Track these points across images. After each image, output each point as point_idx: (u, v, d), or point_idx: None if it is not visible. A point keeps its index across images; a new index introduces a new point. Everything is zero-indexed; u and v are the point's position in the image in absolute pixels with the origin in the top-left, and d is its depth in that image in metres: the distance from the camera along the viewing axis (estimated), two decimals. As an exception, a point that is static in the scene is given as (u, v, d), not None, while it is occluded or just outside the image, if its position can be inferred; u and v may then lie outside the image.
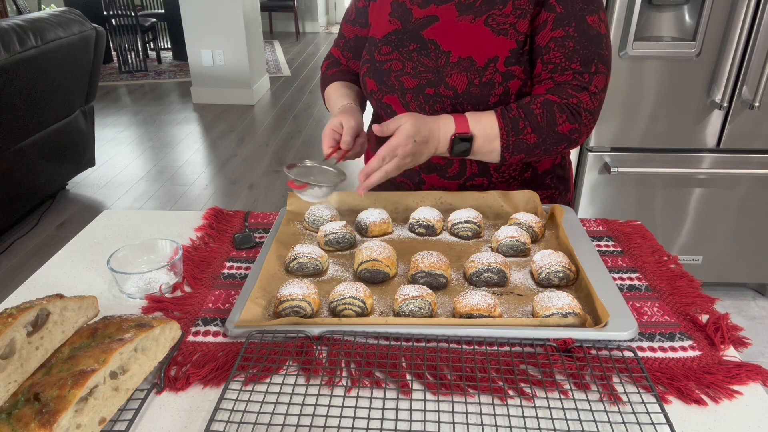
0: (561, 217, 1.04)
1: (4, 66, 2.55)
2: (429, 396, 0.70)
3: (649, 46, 1.89)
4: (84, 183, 3.63)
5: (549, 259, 0.90)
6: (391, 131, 0.97)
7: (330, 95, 1.24)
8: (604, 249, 1.02)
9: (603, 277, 0.88)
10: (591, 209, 2.18)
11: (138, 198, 3.44)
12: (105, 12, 5.80)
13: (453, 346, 0.77)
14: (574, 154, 2.12)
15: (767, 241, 2.22)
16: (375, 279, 0.91)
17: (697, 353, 0.77)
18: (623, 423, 0.65)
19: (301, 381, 0.72)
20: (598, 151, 2.08)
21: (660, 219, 2.19)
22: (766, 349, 2.14)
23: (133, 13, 5.89)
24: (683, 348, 0.78)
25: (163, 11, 6.66)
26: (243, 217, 1.14)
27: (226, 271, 0.96)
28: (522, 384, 0.71)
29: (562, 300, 0.80)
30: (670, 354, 0.77)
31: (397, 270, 0.93)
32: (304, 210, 1.10)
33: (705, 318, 0.83)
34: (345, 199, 1.13)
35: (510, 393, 0.70)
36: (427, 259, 0.89)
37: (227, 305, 0.87)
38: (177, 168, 3.84)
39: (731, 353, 0.77)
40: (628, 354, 0.76)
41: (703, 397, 0.70)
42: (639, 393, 0.70)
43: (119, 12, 5.82)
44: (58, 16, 3.04)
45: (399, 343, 0.77)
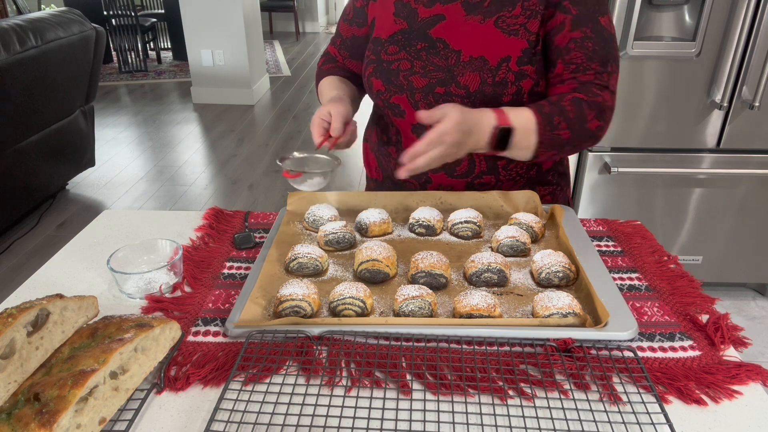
0: (561, 217, 1.04)
1: (4, 66, 2.55)
2: (429, 396, 0.70)
3: (649, 46, 1.89)
4: (84, 183, 3.63)
5: (549, 259, 0.90)
6: (437, 119, 0.94)
7: (322, 88, 1.26)
8: (604, 249, 1.02)
9: (603, 277, 0.88)
10: (591, 209, 2.18)
11: (138, 198, 3.44)
12: (105, 12, 5.80)
13: (453, 346, 0.77)
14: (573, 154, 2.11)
15: (767, 241, 2.22)
16: (375, 279, 0.91)
17: (697, 353, 0.77)
18: (623, 423, 0.65)
19: (301, 381, 0.72)
20: (598, 151, 2.08)
21: (660, 219, 2.19)
22: (766, 349, 2.14)
23: (133, 13, 5.89)
24: (683, 348, 0.78)
25: (163, 11, 6.66)
26: (243, 217, 1.14)
27: (226, 271, 0.96)
28: (522, 384, 0.71)
29: (562, 300, 0.80)
30: (670, 354, 0.77)
31: (397, 270, 0.93)
32: (304, 210, 1.10)
33: (705, 318, 0.83)
34: (345, 199, 1.13)
35: (510, 393, 0.70)
36: (427, 259, 0.89)
37: (227, 305, 0.87)
38: (177, 168, 3.84)
39: (731, 353, 0.77)
40: (628, 354, 0.76)
41: (703, 397, 0.70)
42: (639, 393, 0.70)
43: (119, 12, 5.82)
44: (58, 16, 3.04)
45: (399, 343, 0.77)
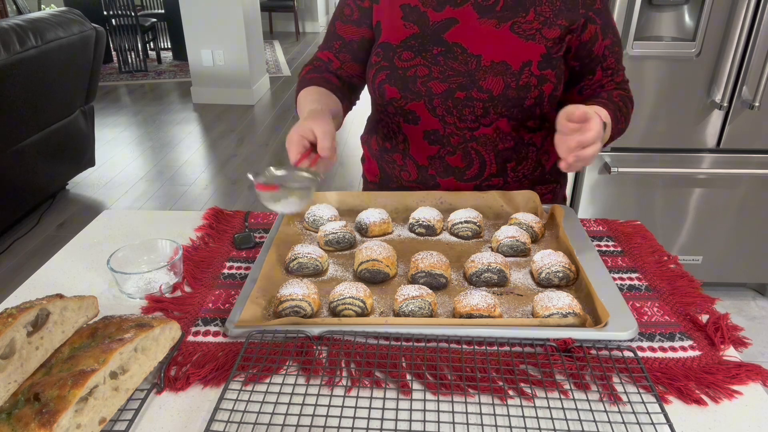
0: (561, 217, 1.04)
1: (4, 66, 2.55)
2: (429, 396, 0.70)
3: (649, 46, 1.89)
4: (84, 183, 3.62)
5: (549, 259, 0.90)
6: (584, 115, 0.90)
7: (302, 99, 1.12)
8: (604, 249, 1.02)
9: (603, 277, 0.88)
10: (591, 209, 2.18)
11: (138, 198, 3.44)
12: (105, 12, 5.80)
13: (453, 346, 0.77)
14: (574, 154, 2.11)
15: (767, 241, 2.22)
16: (375, 279, 0.91)
17: (697, 353, 0.77)
18: (623, 423, 0.65)
19: (301, 381, 0.72)
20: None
21: (660, 219, 2.19)
22: (766, 349, 2.14)
23: (133, 13, 5.89)
24: (683, 348, 0.78)
25: (163, 11, 6.66)
26: (243, 217, 1.14)
27: (226, 271, 0.96)
28: (522, 384, 0.71)
29: (562, 300, 0.80)
30: (670, 354, 0.77)
31: (397, 270, 0.93)
32: (304, 210, 1.10)
33: (705, 318, 0.83)
34: (345, 199, 1.13)
35: (510, 393, 0.70)
36: (427, 259, 0.89)
37: (227, 305, 0.87)
38: (177, 168, 3.84)
39: (731, 353, 0.77)
40: (628, 354, 0.76)
41: (703, 397, 0.70)
42: (639, 393, 0.70)
43: (119, 12, 5.82)
44: (58, 16, 3.04)
45: (399, 343, 0.77)
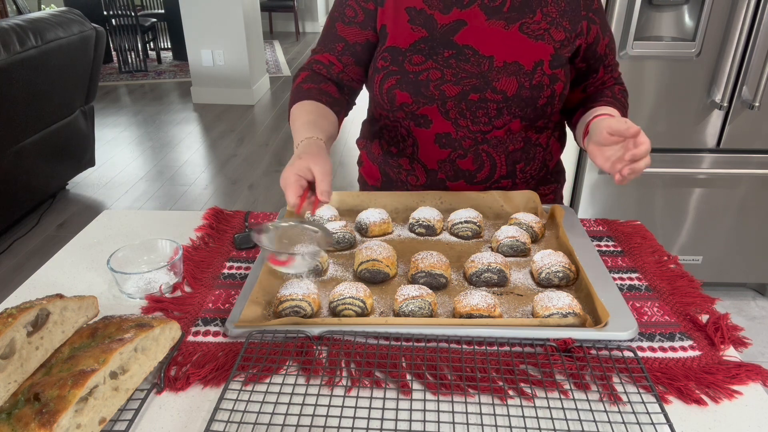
0: (561, 217, 1.04)
1: (4, 66, 2.55)
2: (429, 396, 0.70)
3: (649, 46, 1.89)
4: (84, 183, 3.62)
5: (549, 259, 0.89)
6: (628, 128, 0.89)
7: (297, 117, 1.05)
8: (604, 249, 1.02)
9: (603, 277, 0.88)
10: (591, 209, 2.18)
11: (138, 198, 3.44)
12: (105, 12, 5.80)
13: (453, 346, 0.77)
14: (573, 153, 2.12)
15: (767, 241, 2.22)
16: (375, 279, 0.91)
17: (697, 353, 0.77)
18: (623, 423, 0.65)
19: (301, 381, 0.72)
20: (598, 151, 2.07)
21: (660, 219, 2.19)
22: (766, 349, 2.14)
23: (133, 13, 5.89)
24: (683, 348, 0.78)
25: (163, 11, 6.66)
26: (243, 217, 1.14)
27: (226, 271, 0.96)
28: (522, 384, 0.71)
29: (562, 300, 0.80)
30: (670, 354, 0.77)
31: (397, 270, 0.93)
32: (304, 210, 1.10)
33: (705, 318, 0.83)
34: (345, 199, 1.13)
35: (510, 393, 0.70)
36: (427, 259, 0.89)
37: (227, 305, 0.87)
38: (177, 168, 3.84)
39: (731, 353, 0.77)
40: (628, 354, 0.76)
41: (703, 397, 0.70)
42: (639, 393, 0.70)
43: (119, 12, 5.82)
44: (58, 16, 3.04)
45: (399, 343, 0.77)
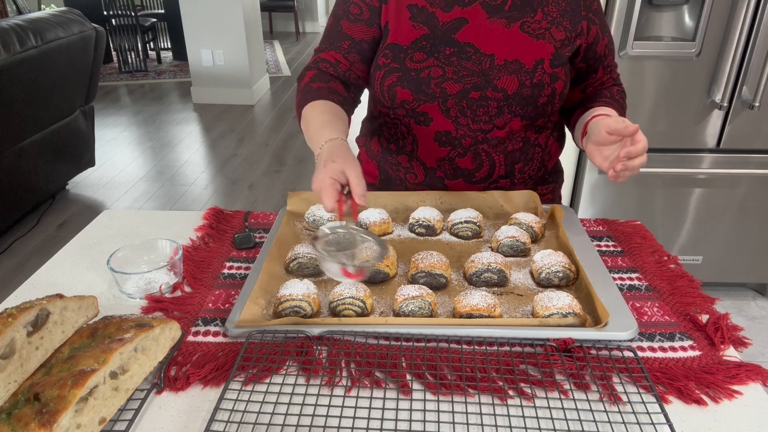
0: (561, 217, 1.04)
1: (4, 66, 2.55)
2: (429, 396, 0.70)
3: (649, 46, 1.89)
4: (84, 183, 3.62)
5: (549, 259, 0.89)
6: (626, 127, 0.91)
7: (311, 117, 1.05)
8: (604, 249, 1.02)
9: (603, 277, 0.88)
10: (591, 209, 2.18)
11: (138, 198, 3.44)
12: (105, 12, 5.80)
13: (453, 346, 0.77)
14: (573, 154, 2.12)
15: (767, 241, 2.22)
16: (375, 279, 0.91)
17: (697, 353, 0.77)
18: (623, 423, 0.65)
19: (301, 381, 0.72)
20: (598, 151, 2.07)
21: (660, 219, 2.19)
22: (766, 349, 2.14)
23: (133, 13, 5.89)
24: (683, 348, 0.78)
25: (163, 11, 6.66)
26: (243, 217, 1.14)
27: (226, 271, 0.96)
28: (522, 384, 0.71)
29: (562, 300, 0.80)
30: (670, 354, 0.77)
31: (397, 270, 0.93)
32: (304, 210, 1.10)
33: (705, 318, 0.83)
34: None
35: (510, 393, 0.70)
36: (427, 259, 0.89)
37: (227, 305, 0.87)
38: (177, 168, 3.84)
39: (731, 353, 0.77)
40: (628, 354, 0.76)
41: (703, 397, 0.70)
42: (639, 393, 0.70)
43: (119, 12, 5.82)
44: (58, 16, 3.04)
45: (399, 343, 0.77)
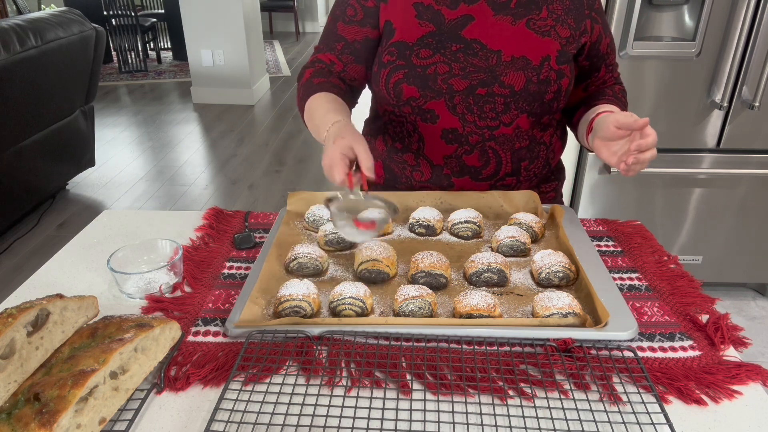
0: (561, 217, 1.04)
1: (4, 66, 2.55)
2: (429, 396, 0.70)
3: (649, 46, 1.89)
4: (84, 183, 3.63)
5: (549, 259, 0.89)
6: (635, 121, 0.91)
7: (316, 108, 1.06)
8: (604, 249, 1.02)
9: (603, 277, 0.88)
10: (591, 209, 2.18)
11: (138, 198, 3.44)
12: (105, 12, 5.80)
13: (453, 346, 0.77)
14: (573, 153, 2.12)
15: (767, 241, 2.22)
16: (375, 279, 0.91)
17: (697, 353, 0.77)
18: (623, 423, 0.65)
19: (301, 381, 0.72)
20: (598, 151, 2.07)
21: (660, 219, 2.19)
22: (766, 349, 2.14)
23: (133, 13, 5.89)
24: (683, 348, 0.78)
25: (163, 11, 6.66)
26: (243, 217, 1.14)
27: (226, 271, 0.96)
28: (522, 384, 0.71)
29: (562, 300, 0.80)
30: (670, 354, 0.77)
31: (397, 270, 0.93)
32: (304, 210, 1.10)
33: (705, 318, 0.83)
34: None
35: (510, 393, 0.70)
36: (427, 259, 0.89)
37: (227, 305, 0.87)
38: (177, 168, 3.84)
39: (731, 353, 0.77)
40: (628, 354, 0.76)
41: (703, 397, 0.70)
42: (639, 393, 0.70)
43: (119, 12, 5.82)
44: (58, 16, 3.04)
45: (399, 343, 0.77)
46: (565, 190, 2.13)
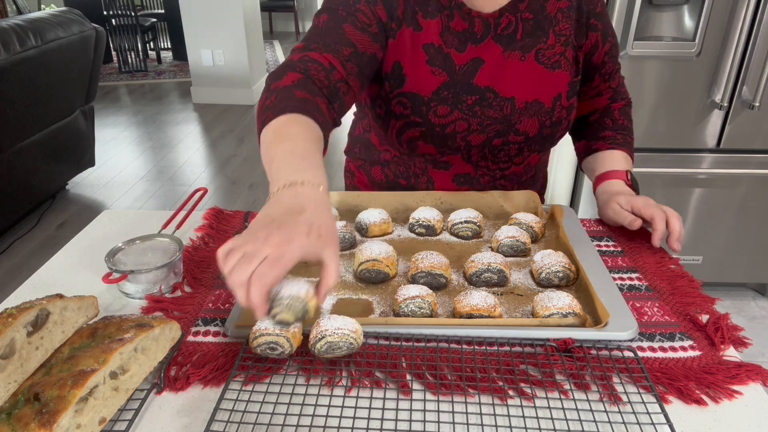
0: (561, 217, 1.04)
1: (4, 66, 2.55)
2: (429, 396, 0.70)
3: (649, 46, 1.89)
4: (84, 183, 3.63)
5: (549, 259, 0.89)
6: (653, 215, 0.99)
7: (292, 137, 0.78)
8: (604, 249, 1.02)
9: (603, 277, 0.88)
10: (591, 209, 2.18)
11: (138, 198, 3.44)
12: (105, 12, 5.80)
13: (453, 346, 0.77)
14: (573, 154, 2.12)
15: (767, 241, 2.22)
16: (375, 279, 0.91)
17: (697, 353, 0.77)
18: (623, 423, 0.65)
19: (301, 381, 0.72)
20: (598, 151, 2.07)
21: (660, 219, 2.19)
22: (766, 349, 2.14)
23: (133, 13, 5.89)
24: (683, 348, 0.78)
25: (163, 11, 6.66)
26: (243, 217, 1.14)
27: (226, 271, 0.96)
28: (522, 384, 0.71)
29: (562, 300, 0.80)
30: (670, 354, 0.77)
31: (397, 270, 0.93)
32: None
33: (705, 318, 0.83)
34: (345, 199, 1.13)
35: (510, 393, 0.70)
36: (427, 259, 0.89)
37: (227, 305, 0.87)
38: (177, 168, 3.84)
39: (731, 353, 0.77)
40: (628, 354, 0.76)
41: (703, 397, 0.70)
42: (639, 393, 0.70)
43: (119, 12, 5.82)
44: (58, 16, 3.04)
45: (399, 343, 0.77)
46: (565, 190, 2.13)
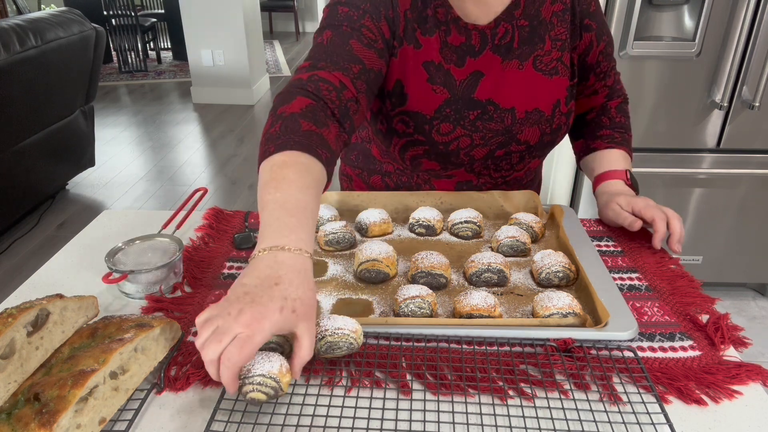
0: (561, 217, 1.04)
1: (4, 66, 2.55)
2: (429, 396, 0.70)
3: (649, 46, 1.89)
4: (84, 183, 3.63)
5: (549, 259, 0.89)
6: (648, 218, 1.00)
7: (292, 182, 0.73)
8: (604, 249, 1.02)
9: (603, 277, 0.88)
10: (591, 209, 2.18)
11: (138, 198, 3.44)
12: (105, 12, 5.80)
13: (453, 346, 0.77)
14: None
15: (767, 241, 2.22)
16: (375, 279, 0.91)
17: (697, 353, 0.77)
18: (623, 423, 0.65)
19: (301, 381, 0.72)
20: (598, 151, 2.07)
21: (660, 219, 2.19)
22: (766, 349, 2.14)
23: (133, 13, 5.89)
24: (683, 348, 0.78)
25: (163, 11, 6.67)
26: (243, 217, 1.14)
27: (226, 271, 0.96)
28: (522, 384, 0.71)
29: (562, 300, 0.80)
30: (670, 354, 0.77)
31: (397, 270, 0.93)
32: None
33: (705, 318, 0.83)
34: (345, 199, 1.13)
35: (510, 393, 0.70)
36: (427, 259, 0.89)
37: (227, 305, 0.87)
38: (177, 168, 3.84)
39: (731, 353, 0.77)
40: (628, 354, 0.76)
41: (703, 397, 0.70)
42: (639, 393, 0.70)
43: (119, 12, 5.82)
44: (58, 16, 3.04)
45: (399, 343, 0.77)
46: (565, 190, 2.13)
